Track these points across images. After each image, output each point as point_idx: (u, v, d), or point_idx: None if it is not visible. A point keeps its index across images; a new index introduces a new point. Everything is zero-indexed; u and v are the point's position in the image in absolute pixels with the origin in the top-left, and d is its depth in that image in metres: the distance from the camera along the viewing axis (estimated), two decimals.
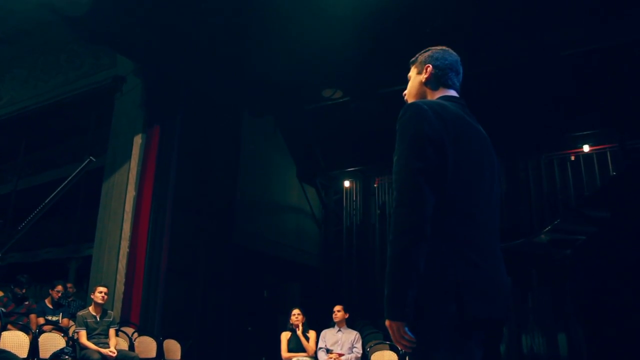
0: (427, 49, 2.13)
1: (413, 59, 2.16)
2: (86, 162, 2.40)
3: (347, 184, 13.67)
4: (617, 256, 2.81)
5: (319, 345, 6.86)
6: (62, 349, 6.20)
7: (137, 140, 8.99)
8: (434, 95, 2.03)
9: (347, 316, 6.97)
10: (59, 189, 2.29)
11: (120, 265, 8.36)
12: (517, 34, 8.29)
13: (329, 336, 6.86)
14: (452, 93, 2.03)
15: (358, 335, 6.85)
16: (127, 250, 8.41)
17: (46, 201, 2.29)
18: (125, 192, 8.77)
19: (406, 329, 1.63)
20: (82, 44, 9.74)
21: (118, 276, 8.32)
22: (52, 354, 6.11)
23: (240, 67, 9.43)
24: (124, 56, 9.30)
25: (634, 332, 2.86)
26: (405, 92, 2.17)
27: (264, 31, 8.56)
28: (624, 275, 2.80)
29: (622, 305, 2.84)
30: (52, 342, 6.27)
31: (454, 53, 2.12)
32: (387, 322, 1.66)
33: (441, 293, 1.64)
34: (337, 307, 7.00)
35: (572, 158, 10.90)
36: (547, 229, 3.37)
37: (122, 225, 8.61)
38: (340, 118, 11.26)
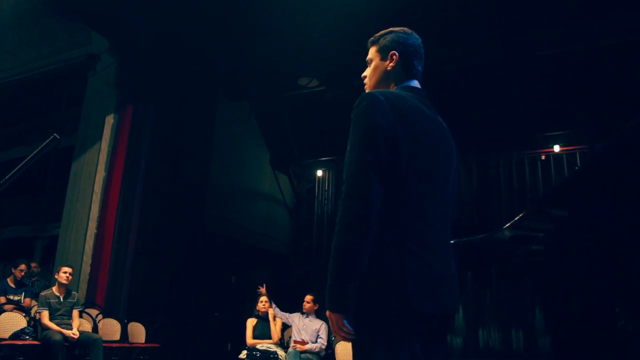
0: (389, 31, 2.02)
1: (373, 38, 2.05)
2: (50, 139, 2.34)
3: (319, 173, 13.69)
4: (575, 253, 2.87)
5: (284, 320, 6.90)
6: (22, 329, 6.10)
7: (109, 121, 8.85)
8: (396, 84, 1.96)
9: (316, 307, 6.92)
10: (20, 164, 2.25)
11: (87, 246, 8.25)
12: (494, 32, 8.36)
13: (297, 320, 6.83)
14: (414, 83, 1.96)
15: (324, 325, 6.74)
16: (95, 231, 8.30)
17: (6, 177, 2.24)
18: (95, 173, 8.64)
19: (345, 321, 1.63)
20: (56, 20, 9.49)
21: (84, 257, 8.21)
22: (12, 333, 6.00)
23: (217, 50, 9.35)
24: (98, 34, 9.11)
25: (594, 328, 2.92)
26: (365, 74, 2.07)
27: (242, 16, 8.50)
28: (583, 271, 2.87)
29: (583, 301, 2.90)
30: (12, 321, 6.16)
31: (417, 35, 2.03)
32: (327, 313, 1.66)
33: (385, 286, 1.62)
34: (308, 297, 6.91)
35: (543, 157, 11.10)
36: (508, 224, 3.42)
37: (90, 206, 8.48)
38: (315, 107, 11.25)
